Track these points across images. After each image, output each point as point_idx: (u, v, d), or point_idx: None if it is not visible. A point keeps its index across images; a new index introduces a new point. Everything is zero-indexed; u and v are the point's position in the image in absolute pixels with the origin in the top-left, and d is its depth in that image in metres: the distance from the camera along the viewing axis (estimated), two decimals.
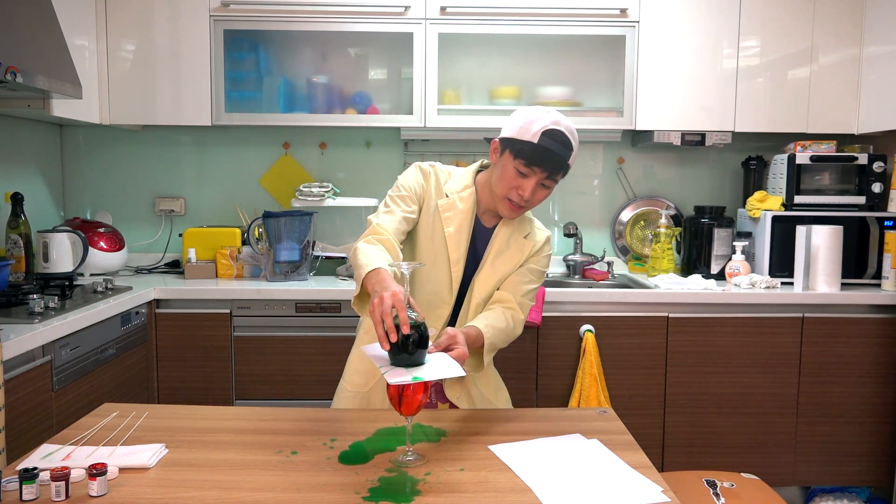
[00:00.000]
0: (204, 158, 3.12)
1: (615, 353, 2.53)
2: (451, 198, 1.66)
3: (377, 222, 1.57)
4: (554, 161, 1.53)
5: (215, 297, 2.53)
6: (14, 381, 1.70)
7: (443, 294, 1.66)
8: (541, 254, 1.72)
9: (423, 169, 1.69)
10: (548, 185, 1.58)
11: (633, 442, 1.36)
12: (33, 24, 2.09)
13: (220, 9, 2.71)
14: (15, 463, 1.22)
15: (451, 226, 1.65)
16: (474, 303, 1.68)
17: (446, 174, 1.70)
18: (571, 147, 1.55)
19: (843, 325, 2.53)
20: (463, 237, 1.65)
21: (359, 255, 1.45)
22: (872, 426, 2.58)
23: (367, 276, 1.37)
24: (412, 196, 1.64)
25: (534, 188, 1.56)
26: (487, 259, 1.68)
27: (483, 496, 1.13)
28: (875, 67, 2.70)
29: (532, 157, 1.53)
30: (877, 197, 2.71)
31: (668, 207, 3.12)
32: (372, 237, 1.53)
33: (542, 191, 1.59)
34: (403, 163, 3.11)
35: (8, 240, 2.44)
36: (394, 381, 1.20)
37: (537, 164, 1.53)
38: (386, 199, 1.65)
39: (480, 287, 1.68)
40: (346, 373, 1.78)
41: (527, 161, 1.54)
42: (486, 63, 3.00)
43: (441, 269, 1.65)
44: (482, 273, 1.68)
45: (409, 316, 1.24)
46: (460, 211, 1.65)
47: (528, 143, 1.53)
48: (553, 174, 1.55)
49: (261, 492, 1.13)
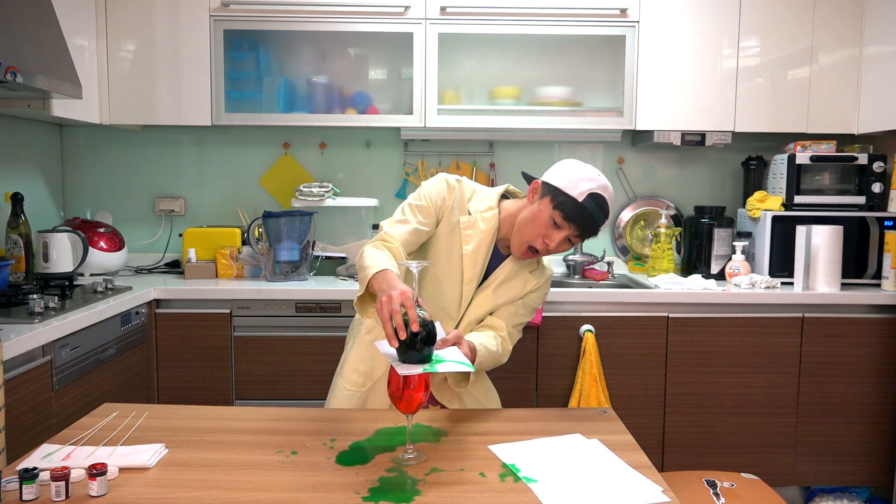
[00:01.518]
0: (204, 158, 3.12)
1: (615, 353, 2.53)
2: (475, 216, 1.65)
3: (388, 230, 1.57)
4: (590, 224, 1.56)
5: (215, 297, 2.53)
6: (14, 381, 1.70)
7: (450, 310, 1.66)
8: (539, 291, 1.74)
9: (448, 182, 1.67)
10: (574, 241, 1.61)
11: (633, 442, 1.36)
12: (33, 24, 2.09)
13: (220, 9, 2.71)
14: (15, 463, 1.22)
15: (470, 244, 1.64)
16: (465, 321, 1.69)
17: (471, 191, 1.69)
18: (608, 215, 1.59)
19: (843, 325, 2.53)
20: (480, 258, 1.65)
21: (365, 258, 1.45)
22: (872, 426, 2.58)
23: (374, 276, 1.37)
24: (431, 208, 1.63)
25: (561, 241, 1.58)
26: (492, 284, 1.68)
27: (483, 496, 1.13)
28: (875, 67, 2.70)
29: (573, 214, 1.55)
30: (877, 197, 2.71)
31: (668, 207, 3.13)
32: (380, 243, 1.53)
33: (564, 245, 1.61)
34: (403, 163, 3.11)
35: (8, 240, 2.44)
36: (405, 373, 1.22)
37: (575, 221, 1.55)
38: (404, 205, 1.64)
39: (477, 308, 1.68)
40: (344, 371, 1.77)
41: (566, 215, 1.55)
42: (486, 63, 3.00)
43: (453, 286, 1.65)
44: (483, 295, 1.68)
45: (418, 314, 1.25)
46: (481, 231, 1.65)
47: (572, 199, 1.54)
48: (584, 235, 1.59)
49: (261, 492, 1.13)
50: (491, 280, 1.68)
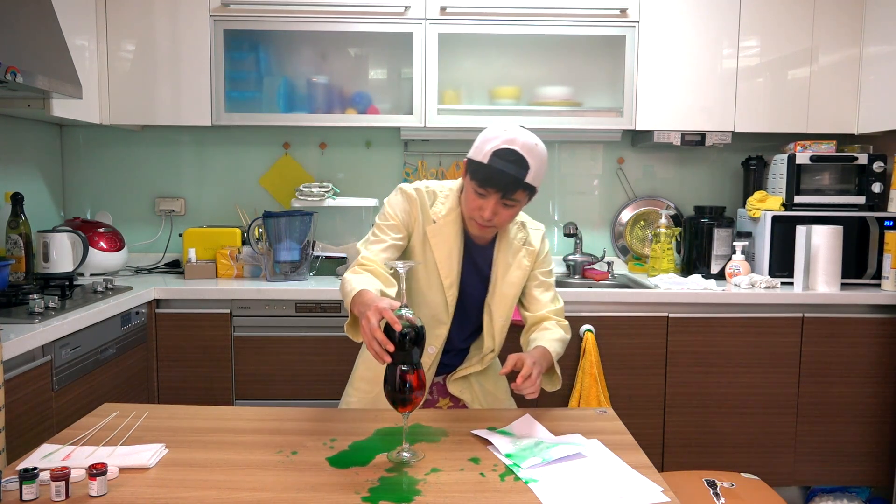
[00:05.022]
0: (204, 158, 3.12)
1: (615, 353, 2.53)
2: (438, 223, 1.64)
3: (364, 253, 1.58)
4: (506, 181, 1.48)
5: (215, 297, 2.53)
6: (14, 381, 1.70)
7: (440, 315, 1.67)
8: (542, 256, 1.73)
9: (407, 194, 1.64)
10: (510, 204, 1.53)
11: (633, 442, 1.36)
12: (33, 24, 2.09)
13: (220, 9, 2.71)
14: (15, 463, 1.22)
15: (441, 251, 1.63)
16: (498, 326, 1.69)
17: (432, 196, 1.66)
18: (527, 165, 1.48)
19: (843, 325, 2.53)
20: (454, 262, 1.64)
21: (345, 285, 1.46)
22: (872, 426, 2.58)
23: (353, 300, 1.38)
24: (399, 224, 1.63)
25: (494, 208, 1.52)
26: (497, 281, 1.68)
27: (483, 496, 1.13)
28: (875, 67, 2.70)
29: (484, 178, 1.49)
30: (877, 197, 2.71)
31: (668, 207, 3.12)
32: (358, 267, 1.54)
33: (506, 210, 1.54)
34: (403, 163, 3.11)
35: (8, 240, 2.44)
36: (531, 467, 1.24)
37: (491, 184, 1.49)
38: (374, 227, 1.65)
39: (498, 309, 1.68)
40: (353, 379, 1.81)
41: (480, 182, 1.50)
42: (486, 63, 3.00)
43: (436, 293, 1.65)
44: (496, 296, 1.68)
45: (403, 314, 1.25)
46: (448, 235, 1.64)
47: (480, 163, 1.50)
48: (508, 194, 1.50)
49: (261, 492, 1.13)
50: (493, 279, 1.68)
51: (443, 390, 1.77)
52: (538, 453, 1.27)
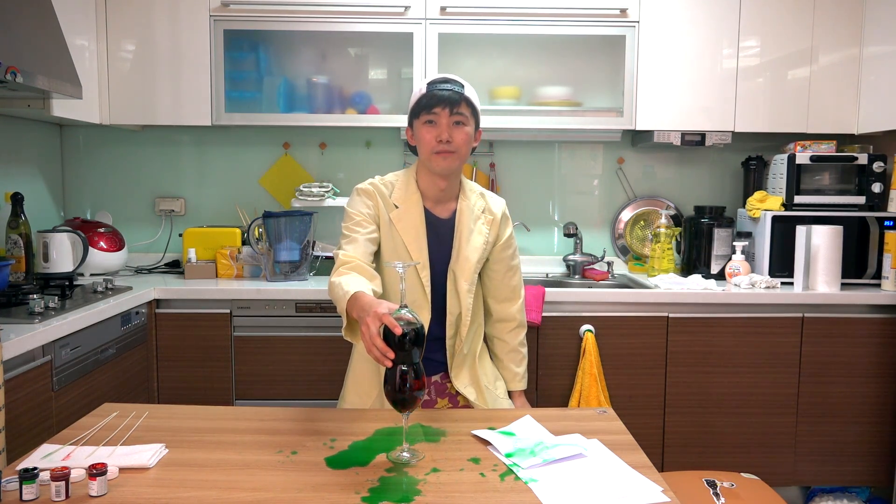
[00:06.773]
0: (204, 158, 3.12)
1: (615, 353, 2.53)
2: (401, 208, 1.71)
3: (342, 254, 1.61)
4: (449, 95, 1.63)
5: (215, 297, 2.53)
6: (14, 381, 1.70)
7: (419, 300, 1.71)
8: (505, 236, 1.81)
9: (365, 190, 1.73)
10: (461, 121, 1.65)
11: (633, 442, 1.36)
12: (33, 24, 2.09)
13: (220, 9, 2.71)
14: (15, 463, 1.22)
15: (408, 234, 1.69)
16: (462, 291, 1.73)
17: (389, 186, 1.74)
18: (461, 84, 1.67)
19: (843, 325, 2.53)
20: (422, 241, 1.70)
21: (335, 290, 1.47)
22: (872, 426, 2.58)
23: (348, 304, 1.39)
24: (366, 218, 1.68)
25: (448, 130, 1.63)
26: (459, 247, 1.73)
27: (483, 496, 1.13)
28: (875, 67, 2.70)
29: (428, 101, 1.64)
30: (877, 197, 2.71)
31: (668, 207, 3.13)
32: (341, 269, 1.56)
33: (459, 130, 1.65)
34: (403, 163, 3.11)
35: (8, 240, 2.44)
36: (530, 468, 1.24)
37: (436, 103, 1.63)
38: (343, 231, 1.68)
39: (462, 273, 1.73)
40: (345, 392, 1.83)
41: (427, 108, 1.62)
42: (486, 63, 3.00)
43: (412, 277, 1.70)
44: (460, 261, 1.73)
45: (403, 314, 1.25)
46: (412, 217, 1.70)
47: (420, 97, 1.66)
48: (455, 107, 1.63)
49: (261, 492, 1.13)
50: (456, 244, 1.73)
51: (441, 390, 1.77)
52: (538, 453, 1.27)
